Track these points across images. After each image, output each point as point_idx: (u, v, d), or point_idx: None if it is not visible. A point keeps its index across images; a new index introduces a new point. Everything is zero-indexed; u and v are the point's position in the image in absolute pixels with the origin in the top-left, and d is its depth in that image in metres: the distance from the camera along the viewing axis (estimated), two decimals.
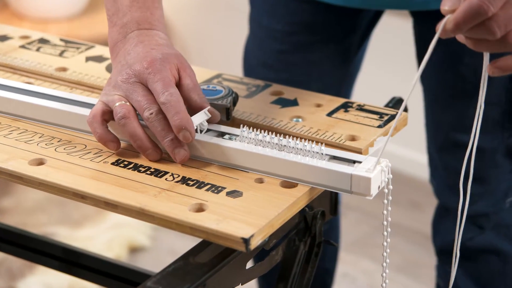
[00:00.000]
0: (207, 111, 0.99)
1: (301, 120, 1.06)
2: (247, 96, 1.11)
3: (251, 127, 0.99)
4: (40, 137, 1.02)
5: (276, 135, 0.97)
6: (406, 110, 1.09)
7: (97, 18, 2.86)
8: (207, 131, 0.99)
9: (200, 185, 0.93)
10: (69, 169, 0.95)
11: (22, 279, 2.13)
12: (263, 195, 0.92)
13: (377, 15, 1.41)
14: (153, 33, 1.02)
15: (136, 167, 0.96)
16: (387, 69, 2.56)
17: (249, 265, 0.95)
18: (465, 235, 1.34)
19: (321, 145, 0.95)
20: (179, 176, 0.95)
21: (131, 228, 2.32)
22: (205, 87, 1.06)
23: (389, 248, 0.98)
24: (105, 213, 2.35)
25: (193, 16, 2.98)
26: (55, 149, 1.00)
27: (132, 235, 2.30)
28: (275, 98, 1.11)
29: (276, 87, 1.14)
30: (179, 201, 0.90)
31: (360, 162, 0.94)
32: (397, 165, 2.50)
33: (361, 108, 1.09)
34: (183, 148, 0.96)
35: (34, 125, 1.05)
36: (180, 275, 0.87)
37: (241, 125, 0.99)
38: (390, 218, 0.96)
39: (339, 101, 1.11)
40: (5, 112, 1.07)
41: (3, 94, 1.07)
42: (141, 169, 0.96)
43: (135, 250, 2.29)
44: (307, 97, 1.11)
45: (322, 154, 0.94)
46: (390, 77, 2.55)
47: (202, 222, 0.86)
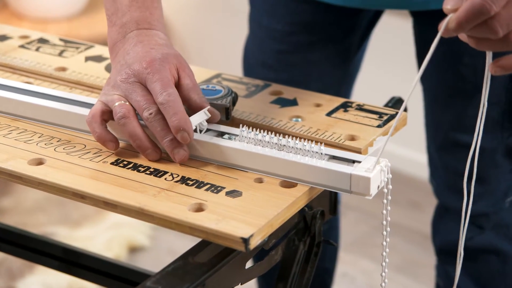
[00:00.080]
0: (207, 110, 0.99)
1: (300, 119, 1.06)
2: (247, 96, 1.11)
3: (251, 127, 0.99)
4: (39, 137, 1.02)
5: (275, 135, 0.97)
6: (405, 110, 1.09)
7: (96, 18, 2.86)
8: (206, 131, 0.99)
9: (199, 185, 0.93)
10: (68, 169, 0.95)
11: (21, 279, 2.13)
12: (263, 195, 0.91)
13: (377, 15, 1.41)
14: (152, 33, 1.02)
15: (135, 167, 0.96)
16: (386, 69, 2.56)
17: (248, 265, 0.95)
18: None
19: (321, 144, 0.95)
20: (178, 176, 0.95)
21: (130, 228, 2.32)
22: (205, 87, 1.06)
23: (388, 247, 0.98)
24: (105, 213, 2.35)
25: (193, 16, 2.98)
26: (54, 149, 0.99)
27: (131, 235, 2.30)
28: (274, 98, 1.11)
29: (275, 87, 1.14)
30: (179, 201, 0.90)
31: (359, 161, 0.94)
32: (396, 164, 2.50)
33: (360, 108, 1.09)
34: (182, 148, 0.96)
35: (33, 125, 1.05)
36: (179, 275, 0.87)
37: (241, 125, 0.99)
38: (389, 217, 0.96)
39: (339, 100, 1.11)
40: (5, 112, 1.07)
41: (3, 94, 1.07)
42: (140, 169, 0.96)
43: (134, 250, 2.29)
44: (306, 97, 1.11)
45: (321, 153, 0.94)
46: (389, 77, 2.55)
47: (201, 222, 0.86)
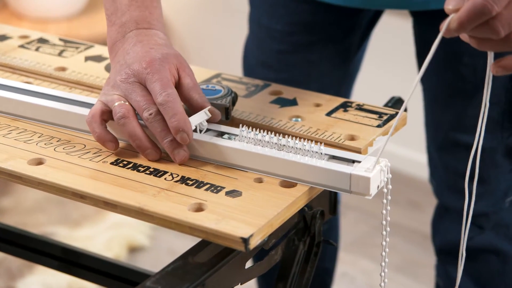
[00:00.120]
0: (208, 110, 0.99)
1: (300, 119, 1.05)
2: (246, 95, 1.11)
3: (250, 127, 0.99)
4: (39, 137, 1.02)
5: (275, 135, 0.97)
6: (405, 110, 1.09)
7: (96, 17, 2.86)
8: (206, 131, 0.99)
9: (199, 184, 0.93)
10: (68, 168, 0.95)
11: (21, 279, 2.13)
12: (262, 194, 0.91)
13: (377, 15, 1.41)
14: (152, 33, 1.02)
15: (135, 167, 0.96)
16: (386, 69, 2.56)
17: (248, 265, 0.95)
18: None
19: (320, 144, 0.95)
20: (178, 175, 0.95)
21: (130, 227, 2.32)
22: (204, 86, 1.06)
23: (388, 247, 0.98)
24: (104, 212, 2.35)
25: (193, 16, 2.98)
26: (54, 149, 0.99)
27: (131, 234, 2.30)
28: (274, 97, 1.11)
29: (275, 87, 1.14)
30: (178, 201, 0.90)
31: (359, 161, 0.94)
32: (396, 164, 2.50)
33: (360, 107, 1.09)
34: (182, 148, 0.96)
35: (33, 125, 1.05)
36: (179, 274, 0.87)
37: (240, 125, 0.99)
38: (389, 217, 0.96)
39: (338, 100, 1.11)
40: (4, 111, 1.07)
41: (2, 93, 1.07)
42: (140, 168, 0.96)
43: (134, 249, 2.29)
44: (306, 97, 1.11)
45: (321, 153, 0.94)
46: (389, 77, 2.55)
47: (201, 221, 0.86)
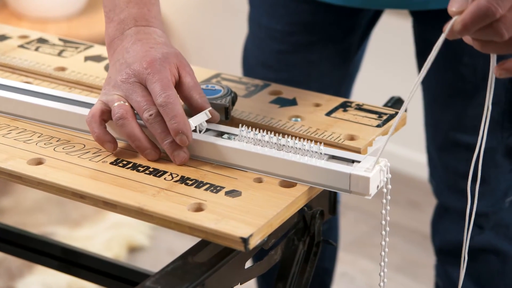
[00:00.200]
0: (208, 112, 0.99)
1: (300, 119, 1.05)
2: (246, 95, 1.11)
3: (250, 127, 0.99)
4: (39, 137, 1.02)
5: (275, 135, 0.97)
6: (405, 110, 1.09)
7: (95, 17, 2.86)
8: (206, 131, 0.99)
9: (199, 184, 0.93)
10: (68, 168, 0.95)
11: (21, 279, 2.13)
12: (262, 194, 0.91)
13: (377, 15, 1.41)
14: (150, 31, 1.02)
15: (135, 167, 0.96)
16: (386, 69, 2.56)
17: (248, 265, 0.95)
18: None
19: (320, 144, 0.95)
20: (177, 175, 0.95)
21: (130, 227, 2.32)
22: (204, 86, 1.06)
23: (388, 247, 0.98)
24: (104, 212, 2.35)
25: (192, 15, 2.98)
26: (54, 149, 0.99)
27: (131, 234, 2.30)
28: (274, 97, 1.11)
29: (275, 87, 1.14)
30: (178, 201, 0.90)
31: (359, 161, 0.94)
32: (396, 164, 2.50)
33: (360, 107, 1.09)
34: (182, 150, 0.96)
35: (33, 125, 1.05)
36: (179, 274, 0.86)
37: (240, 125, 0.99)
38: (388, 217, 0.96)
39: (338, 100, 1.11)
40: (4, 111, 1.07)
41: (2, 93, 1.07)
42: (140, 168, 0.96)
43: (134, 249, 2.29)
44: (306, 97, 1.11)
45: (321, 153, 0.94)
46: (389, 77, 2.55)
47: (201, 221, 0.86)
